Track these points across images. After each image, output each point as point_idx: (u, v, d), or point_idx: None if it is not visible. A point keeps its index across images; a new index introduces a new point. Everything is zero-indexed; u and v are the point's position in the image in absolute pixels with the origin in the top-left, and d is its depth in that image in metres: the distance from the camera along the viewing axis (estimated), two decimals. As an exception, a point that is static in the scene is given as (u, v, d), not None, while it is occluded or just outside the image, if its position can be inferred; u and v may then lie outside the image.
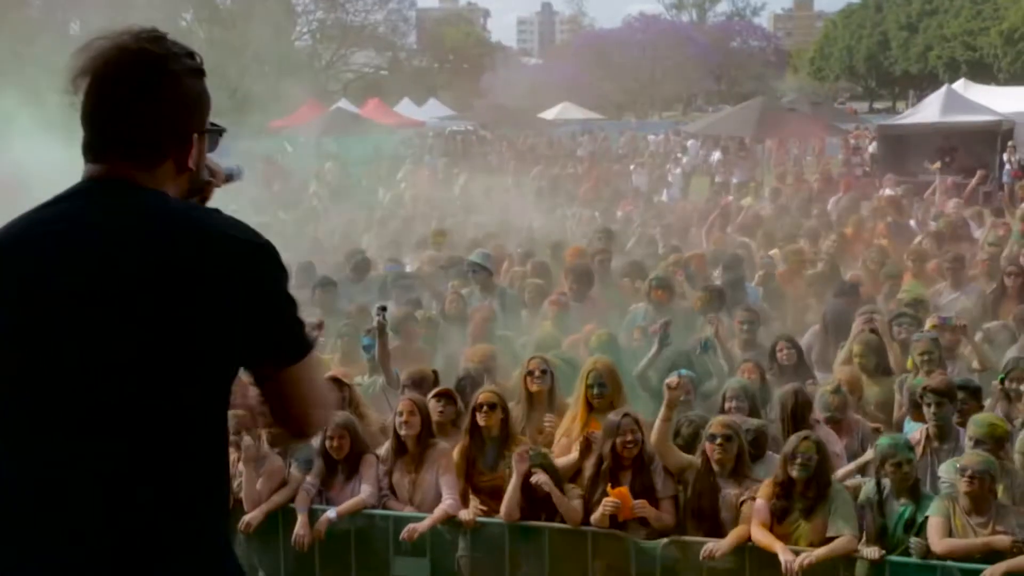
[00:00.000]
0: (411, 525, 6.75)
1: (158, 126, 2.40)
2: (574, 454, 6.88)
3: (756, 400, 7.34)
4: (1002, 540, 5.82)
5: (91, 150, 2.44)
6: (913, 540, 6.04)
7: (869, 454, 6.75)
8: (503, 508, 6.68)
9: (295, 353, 2.46)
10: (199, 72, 2.45)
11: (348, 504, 6.92)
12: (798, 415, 7.02)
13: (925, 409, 6.88)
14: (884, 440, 6.36)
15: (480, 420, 6.98)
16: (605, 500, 6.45)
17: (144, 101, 2.38)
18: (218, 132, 2.54)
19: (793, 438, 6.40)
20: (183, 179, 2.47)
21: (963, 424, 6.80)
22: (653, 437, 6.58)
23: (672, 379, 6.61)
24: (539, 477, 6.52)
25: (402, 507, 6.95)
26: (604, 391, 7.13)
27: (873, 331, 8.67)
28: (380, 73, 60.49)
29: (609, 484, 6.51)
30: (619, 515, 6.47)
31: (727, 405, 7.20)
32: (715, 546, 6.21)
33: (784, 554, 6.04)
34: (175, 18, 48.34)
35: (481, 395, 7.05)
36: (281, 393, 2.48)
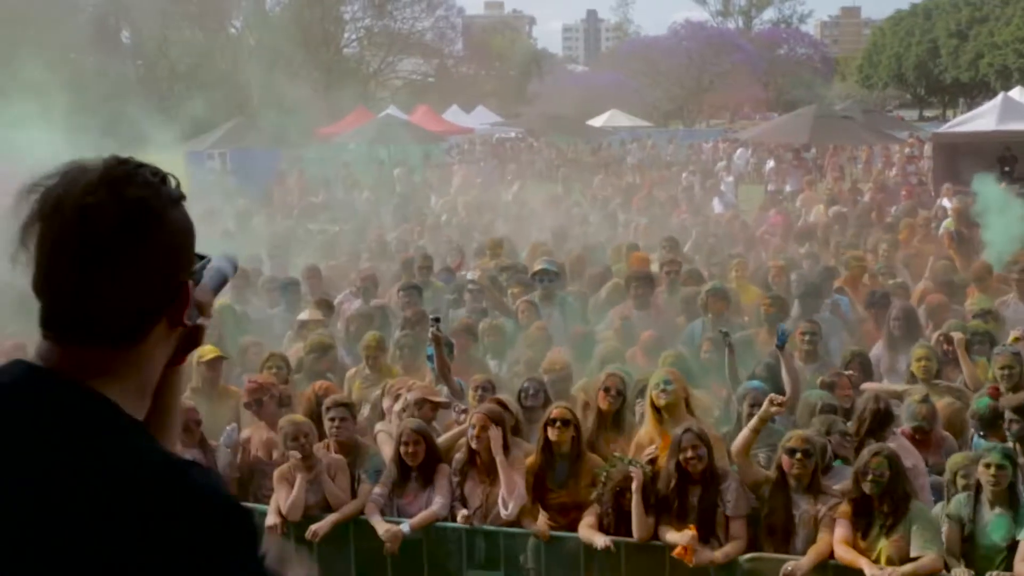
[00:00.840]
0: (391, 528, 6.73)
1: (143, 291, 1.82)
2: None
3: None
4: None
5: (47, 326, 1.83)
6: (997, 574, 5.89)
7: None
8: (636, 530, 6.53)
9: None
10: (180, 198, 1.88)
11: (421, 517, 6.85)
12: (877, 424, 6.90)
13: (1007, 427, 6.73)
14: (984, 443, 6.25)
15: (552, 435, 6.89)
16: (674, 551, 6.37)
17: (124, 267, 1.79)
18: (203, 266, 1.98)
19: (865, 453, 6.29)
20: (175, 335, 1.92)
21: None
22: (734, 447, 6.48)
23: (779, 397, 6.52)
24: (636, 476, 6.44)
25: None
26: (669, 387, 7.02)
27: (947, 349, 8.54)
28: (427, 80, 60.71)
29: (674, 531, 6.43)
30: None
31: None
32: (796, 565, 6.08)
33: (870, 569, 5.91)
34: (225, 26, 48.80)
35: (554, 410, 6.97)
36: None
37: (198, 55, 39.23)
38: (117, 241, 1.77)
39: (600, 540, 6.47)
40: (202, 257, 1.97)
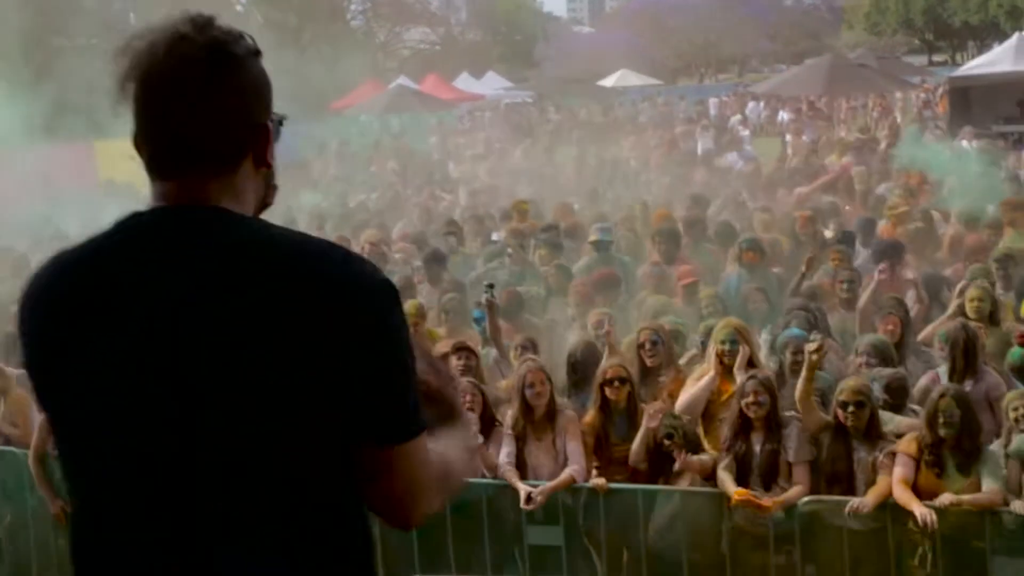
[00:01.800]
0: (530, 491, 6.73)
1: (233, 121, 2.04)
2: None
3: (890, 352, 7.26)
4: None
5: (159, 166, 2.07)
6: None
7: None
8: (632, 456, 6.73)
9: (405, 431, 2.05)
10: (258, 53, 2.10)
11: (558, 481, 6.80)
12: (970, 353, 6.98)
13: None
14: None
15: (609, 395, 6.99)
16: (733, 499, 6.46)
17: (215, 95, 2.01)
18: (280, 121, 2.16)
19: (934, 395, 6.34)
20: (261, 176, 2.13)
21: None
22: (797, 395, 6.55)
23: (812, 344, 6.56)
24: (676, 443, 6.56)
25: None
26: (735, 347, 7.10)
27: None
28: (435, 49, 60.53)
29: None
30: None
31: (857, 360, 7.15)
32: (860, 503, 6.15)
33: (920, 509, 5.98)
34: (231, 3, 48.66)
35: (609, 369, 7.06)
36: (381, 473, 2.04)
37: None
38: (207, 76, 1.99)
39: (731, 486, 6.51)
40: (279, 122, 2.15)
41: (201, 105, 2.01)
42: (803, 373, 6.53)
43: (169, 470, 1.95)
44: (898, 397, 6.88)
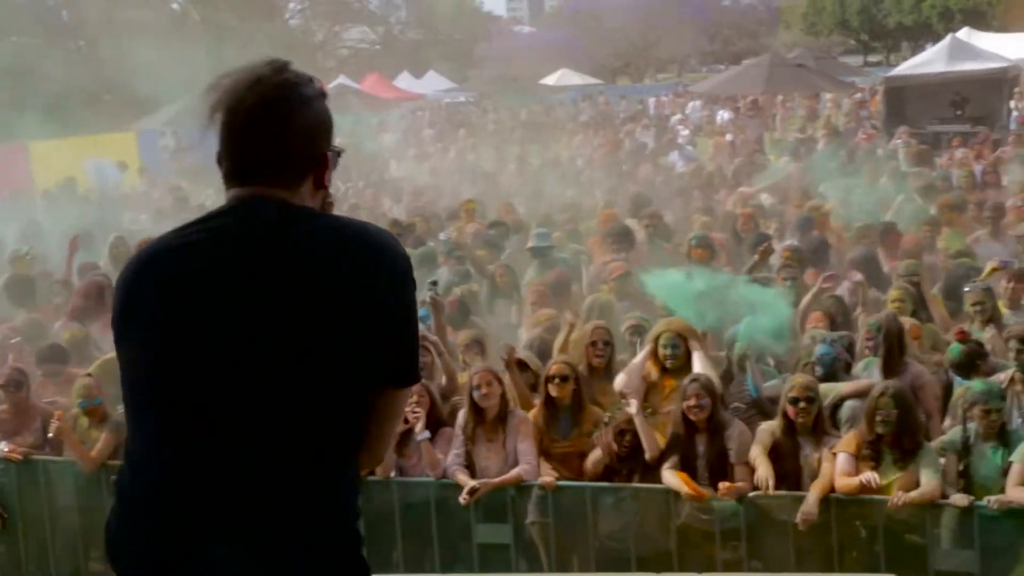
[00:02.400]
0: (474, 484, 6.77)
1: (300, 149, 2.53)
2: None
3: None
4: None
5: (236, 176, 2.56)
6: (992, 499, 6.09)
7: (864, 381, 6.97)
8: (647, 450, 6.71)
9: (409, 377, 2.59)
10: (324, 95, 2.59)
11: (506, 477, 6.86)
12: (902, 341, 7.17)
13: (1013, 355, 6.90)
14: (978, 384, 6.41)
15: (553, 391, 7.03)
16: (677, 481, 6.53)
17: (288, 127, 2.50)
18: (338, 153, 2.65)
19: (874, 392, 6.44)
20: (319, 196, 2.61)
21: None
22: None
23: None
24: (634, 407, 6.62)
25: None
26: (677, 351, 7.16)
27: (913, 284, 8.71)
28: (375, 48, 60.28)
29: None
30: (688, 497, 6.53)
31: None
32: (806, 510, 6.23)
33: (866, 475, 6.14)
34: (167, 1, 48.14)
35: (553, 366, 7.11)
36: (383, 412, 2.57)
37: (142, 33, 38.65)
38: (280, 112, 2.50)
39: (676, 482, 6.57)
40: (336, 149, 2.62)
41: (275, 135, 2.50)
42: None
43: (237, 406, 2.40)
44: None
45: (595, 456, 6.84)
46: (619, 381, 7.13)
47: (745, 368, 7.28)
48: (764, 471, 6.37)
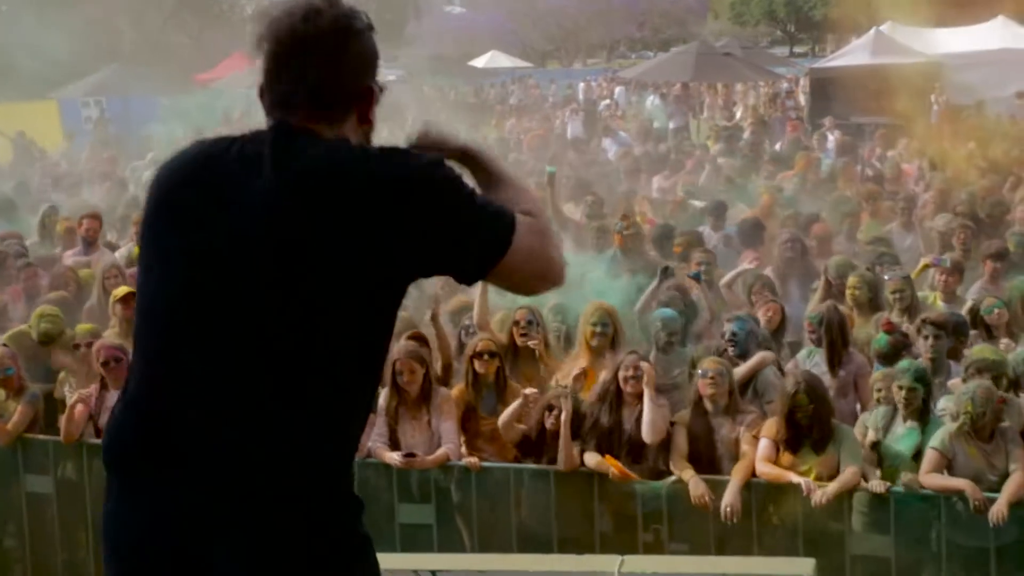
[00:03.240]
0: (406, 453, 6.76)
1: (348, 82, 2.52)
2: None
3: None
4: (968, 483, 6.00)
5: (281, 106, 2.52)
6: (905, 475, 6.21)
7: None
8: (563, 462, 6.66)
9: (494, 253, 2.48)
10: (372, 28, 2.57)
11: (434, 457, 6.82)
12: (844, 332, 7.37)
13: (922, 342, 7.05)
14: (903, 363, 6.53)
15: (479, 368, 7.03)
16: (601, 462, 6.55)
17: (341, 60, 2.49)
18: (382, 88, 2.61)
19: (788, 389, 6.50)
20: (361, 131, 2.57)
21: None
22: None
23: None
24: (566, 408, 6.60)
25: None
26: (607, 331, 7.20)
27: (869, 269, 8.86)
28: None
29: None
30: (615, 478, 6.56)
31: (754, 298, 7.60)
32: (729, 501, 6.28)
33: (804, 481, 6.18)
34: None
35: (480, 343, 7.10)
36: (505, 280, 2.57)
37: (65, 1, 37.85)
38: (329, 38, 2.47)
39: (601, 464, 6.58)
40: (381, 88, 2.58)
41: (325, 66, 2.48)
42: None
43: (257, 327, 2.38)
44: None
45: (517, 427, 6.81)
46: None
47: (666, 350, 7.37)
48: (697, 489, 6.37)
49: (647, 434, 6.57)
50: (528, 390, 6.75)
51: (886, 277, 8.49)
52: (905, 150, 17.01)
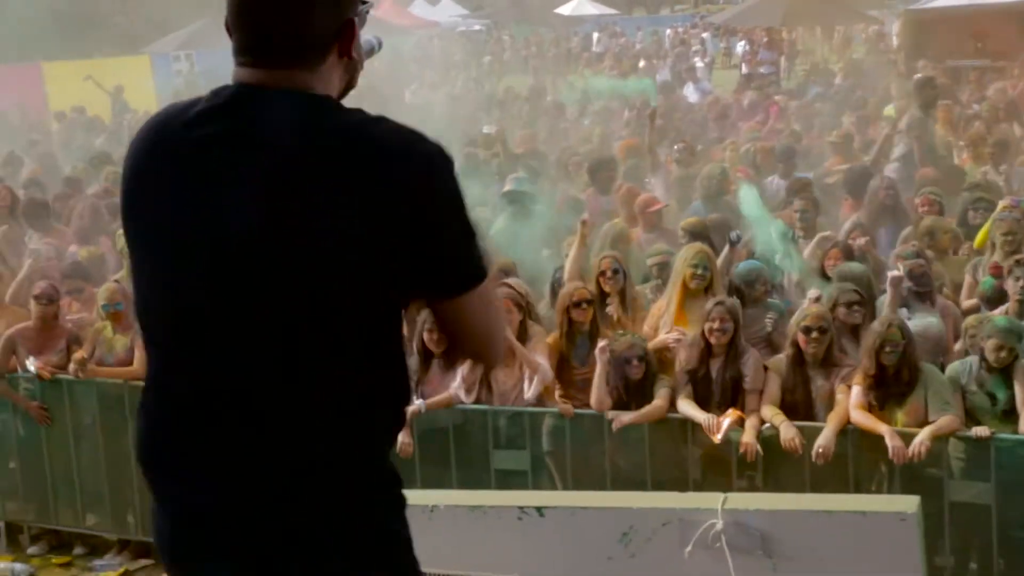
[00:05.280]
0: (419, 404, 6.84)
1: (323, 18, 2.26)
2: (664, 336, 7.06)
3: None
4: None
5: (249, 52, 2.29)
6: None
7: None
8: (593, 397, 6.79)
9: (462, 284, 2.31)
10: None
11: (437, 399, 7.00)
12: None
13: (1011, 282, 6.90)
14: (1001, 320, 6.41)
15: (576, 316, 7.05)
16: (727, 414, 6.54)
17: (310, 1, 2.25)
18: (366, 10, 2.39)
19: (876, 325, 6.44)
20: (343, 66, 2.35)
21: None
22: None
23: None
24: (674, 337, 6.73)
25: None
26: (705, 273, 7.21)
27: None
28: (388, -26, 59.64)
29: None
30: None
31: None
32: (823, 444, 6.25)
33: (892, 439, 6.09)
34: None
35: (576, 292, 7.12)
36: (447, 321, 2.38)
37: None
38: None
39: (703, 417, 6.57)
40: (364, 2, 2.37)
41: (295, 8, 2.25)
42: None
43: (252, 313, 2.23)
44: (924, 284, 7.11)
45: (599, 392, 6.82)
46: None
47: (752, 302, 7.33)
48: (788, 432, 6.34)
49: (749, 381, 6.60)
50: (601, 343, 6.78)
51: (997, 218, 8.23)
52: (1002, 93, 16.48)
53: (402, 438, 6.73)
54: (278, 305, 2.21)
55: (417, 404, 6.89)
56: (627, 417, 6.69)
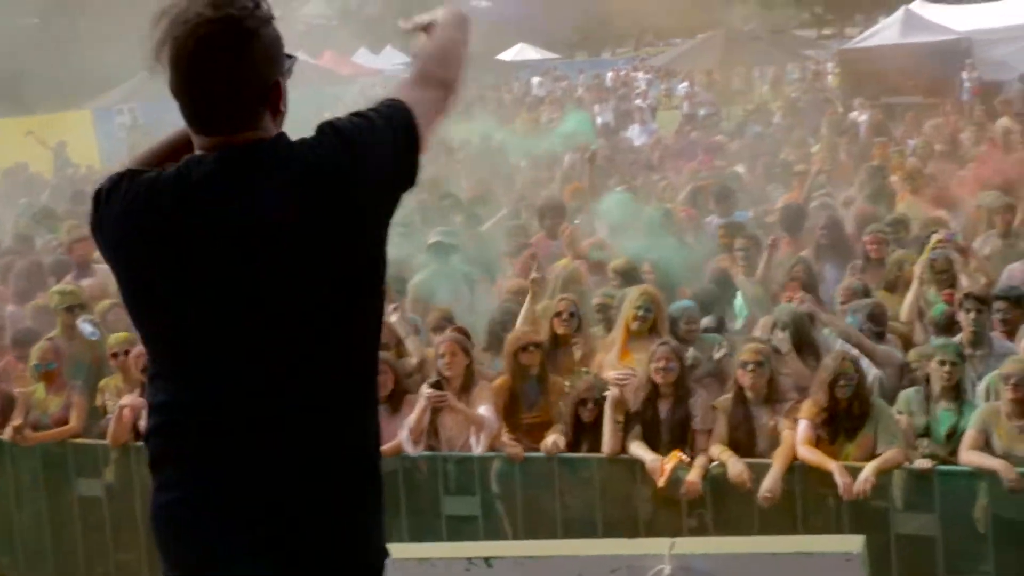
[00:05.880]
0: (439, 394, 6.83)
1: (256, 87, 2.47)
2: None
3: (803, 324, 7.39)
4: (1001, 463, 5.98)
5: (198, 121, 2.51)
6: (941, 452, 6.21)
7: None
8: (606, 445, 6.73)
9: (411, 157, 2.61)
10: (271, 18, 2.50)
11: (385, 448, 6.95)
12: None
13: (963, 315, 7.01)
14: (937, 340, 6.52)
15: (523, 360, 7.07)
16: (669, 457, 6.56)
17: (234, 71, 2.43)
18: (291, 65, 2.57)
19: (830, 360, 6.51)
20: (277, 122, 2.55)
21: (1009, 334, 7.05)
22: None
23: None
24: (612, 393, 6.66)
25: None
26: (648, 315, 7.25)
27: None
28: (332, 24, 59.76)
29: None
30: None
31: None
32: (770, 486, 6.29)
33: (841, 476, 6.15)
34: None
35: (524, 336, 7.15)
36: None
37: (98, 10, 38.15)
38: (226, 55, 2.41)
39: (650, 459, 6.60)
40: (290, 56, 2.56)
41: (223, 80, 2.43)
42: None
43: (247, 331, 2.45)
44: (880, 323, 7.20)
45: (552, 438, 6.84)
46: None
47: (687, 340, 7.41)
48: (735, 468, 6.40)
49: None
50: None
51: (932, 257, 8.36)
52: (940, 129, 16.82)
53: None
54: (272, 320, 2.44)
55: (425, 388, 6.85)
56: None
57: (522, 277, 8.68)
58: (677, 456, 6.52)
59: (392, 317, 7.57)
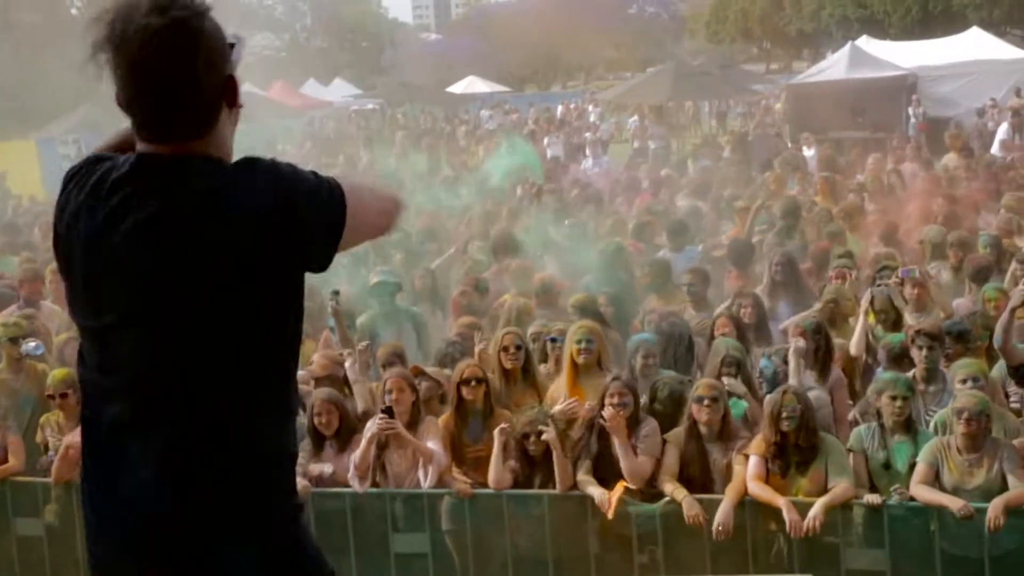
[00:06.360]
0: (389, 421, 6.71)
1: (209, 88, 2.41)
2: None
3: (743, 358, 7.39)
4: (956, 501, 5.99)
5: (153, 130, 2.44)
6: (897, 488, 6.20)
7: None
8: (491, 476, 6.73)
9: (334, 236, 2.52)
10: (208, 11, 2.43)
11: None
12: (826, 344, 7.33)
13: (915, 352, 7.04)
14: (886, 375, 6.53)
15: (466, 394, 7.00)
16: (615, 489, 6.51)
17: (185, 74, 2.36)
18: (238, 53, 2.52)
19: (774, 395, 6.51)
20: (234, 114, 2.51)
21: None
22: None
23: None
24: (549, 434, 6.57)
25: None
26: (591, 347, 7.21)
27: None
28: (280, 55, 59.77)
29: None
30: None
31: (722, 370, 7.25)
32: (722, 520, 6.26)
33: (789, 512, 6.13)
34: (66, 6, 47.15)
35: (466, 370, 7.08)
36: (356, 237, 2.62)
37: (41, 38, 37.83)
38: (182, 60, 2.35)
39: (597, 493, 6.54)
40: (232, 45, 2.48)
41: (182, 86, 2.37)
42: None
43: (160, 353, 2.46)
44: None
45: (497, 471, 6.78)
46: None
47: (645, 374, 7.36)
48: (691, 508, 6.36)
49: (629, 476, 6.56)
50: (500, 427, 6.74)
51: (876, 292, 8.37)
52: (880, 164, 17.00)
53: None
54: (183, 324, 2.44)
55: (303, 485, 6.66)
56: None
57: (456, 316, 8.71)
58: (623, 486, 6.47)
59: (347, 363, 7.50)
